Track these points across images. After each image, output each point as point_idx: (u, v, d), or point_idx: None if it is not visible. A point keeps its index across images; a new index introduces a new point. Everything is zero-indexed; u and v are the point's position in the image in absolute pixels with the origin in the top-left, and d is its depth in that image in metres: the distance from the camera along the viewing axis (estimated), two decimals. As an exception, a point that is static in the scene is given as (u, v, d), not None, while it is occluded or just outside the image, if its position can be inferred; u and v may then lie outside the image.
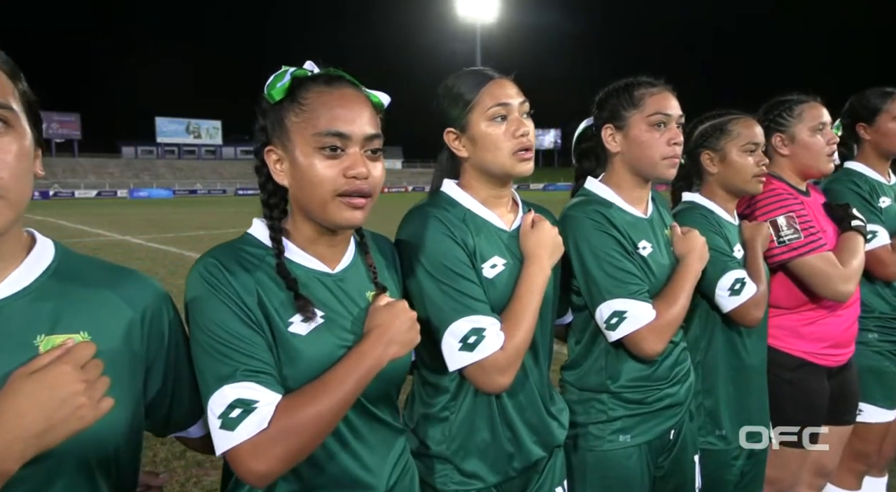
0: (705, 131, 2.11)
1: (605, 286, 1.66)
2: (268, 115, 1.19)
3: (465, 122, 1.48)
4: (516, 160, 1.47)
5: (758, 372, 2.08)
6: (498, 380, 1.36)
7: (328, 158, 1.14)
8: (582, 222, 1.71)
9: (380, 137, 1.20)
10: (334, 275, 1.24)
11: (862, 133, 2.63)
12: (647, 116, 1.73)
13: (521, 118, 1.47)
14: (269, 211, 1.21)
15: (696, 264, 1.78)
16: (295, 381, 1.12)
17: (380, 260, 1.37)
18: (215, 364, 1.07)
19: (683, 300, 1.70)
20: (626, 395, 1.75)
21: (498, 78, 1.49)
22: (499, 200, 1.55)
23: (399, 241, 1.46)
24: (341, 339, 1.19)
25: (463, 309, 1.37)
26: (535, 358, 1.54)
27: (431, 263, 1.40)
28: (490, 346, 1.35)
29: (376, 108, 1.24)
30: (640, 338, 1.63)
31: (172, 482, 3.46)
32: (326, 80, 1.18)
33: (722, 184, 2.11)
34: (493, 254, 1.48)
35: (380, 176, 1.20)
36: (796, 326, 2.24)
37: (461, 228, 1.45)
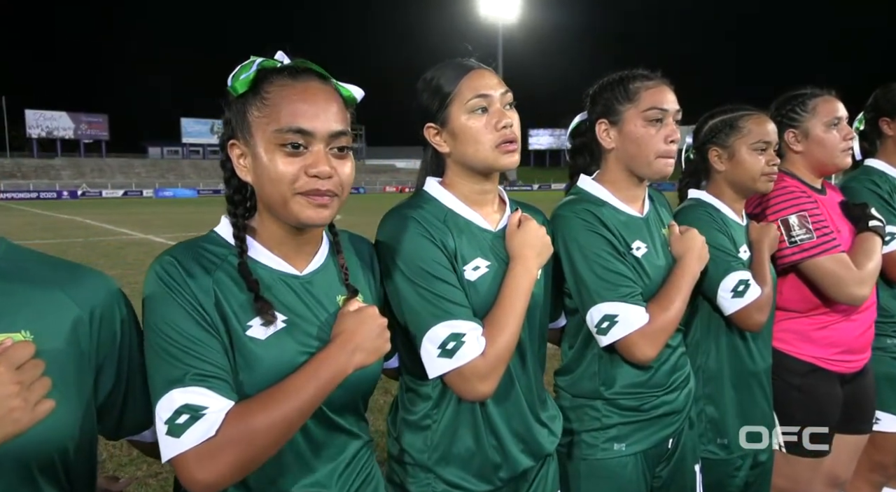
0: (715, 127, 2.02)
1: (595, 289, 1.58)
2: (232, 108, 1.14)
3: (444, 115, 1.42)
4: (499, 153, 1.40)
5: (763, 378, 1.99)
6: (479, 387, 1.29)
7: (289, 155, 1.08)
8: (572, 222, 1.63)
9: (347, 133, 1.13)
10: (302, 277, 1.19)
11: (885, 128, 2.51)
12: (643, 111, 1.65)
13: (503, 110, 1.40)
14: (234, 208, 1.16)
15: (694, 265, 1.69)
16: (252, 387, 1.07)
17: (355, 262, 1.31)
18: (165, 367, 1.02)
19: (679, 303, 1.62)
20: (621, 401, 1.67)
21: (478, 68, 1.43)
22: (483, 197, 1.48)
23: (377, 242, 1.40)
24: (304, 344, 1.13)
25: (441, 314, 1.30)
26: (523, 363, 1.47)
27: (408, 267, 1.34)
28: (470, 352, 1.28)
29: (347, 102, 1.18)
30: (631, 343, 1.56)
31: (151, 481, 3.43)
32: (291, 72, 1.12)
33: (729, 182, 2.01)
34: (475, 255, 1.41)
35: (347, 175, 1.14)
36: (807, 330, 2.14)
37: (441, 229, 1.39)
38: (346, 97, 1.17)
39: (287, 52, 1.16)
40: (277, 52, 1.15)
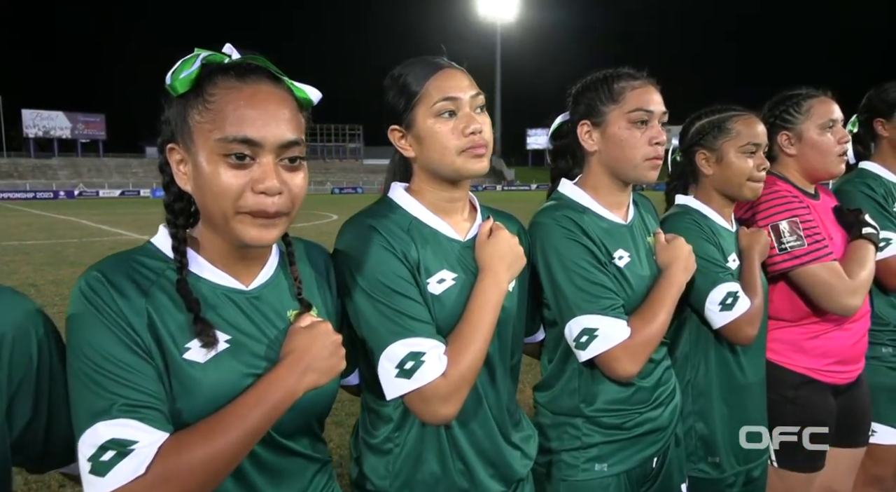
0: (702, 128, 1.93)
1: (574, 301, 1.50)
2: (171, 108, 1.04)
3: (410, 118, 1.33)
4: (466, 158, 1.30)
5: (755, 392, 1.91)
6: (440, 410, 1.20)
7: (234, 167, 0.98)
8: (550, 230, 1.55)
9: (300, 143, 1.03)
10: (248, 292, 1.10)
11: (879, 130, 2.43)
12: (628, 113, 1.57)
13: (472, 113, 1.31)
14: (174, 217, 1.06)
15: (680, 276, 1.61)
16: (190, 416, 0.97)
17: (310, 274, 1.22)
18: (89, 396, 0.92)
19: (664, 316, 1.53)
20: (603, 419, 1.59)
21: (447, 68, 1.33)
22: (452, 205, 1.39)
23: (335, 253, 1.31)
24: (249, 366, 1.04)
25: (400, 331, 1.22)
26: (492, 381, 1.38)
27: (366, 280, 1.25)
28: (429, 372, 1.19)
29: (303, 105, 1.08)
30: (612, 358, 1.47)
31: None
32: (239, 71, 1.02)
33: (717, 187, 1.93)
34: (440, 267, 1.32)
35: (299, 188, 1.04)
36: (799, 339, 2.06)
37: (403, 239, 1.30)
38: (300, 99, 1.07)
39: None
40: (226, 45, 1.05)
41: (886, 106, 2.39)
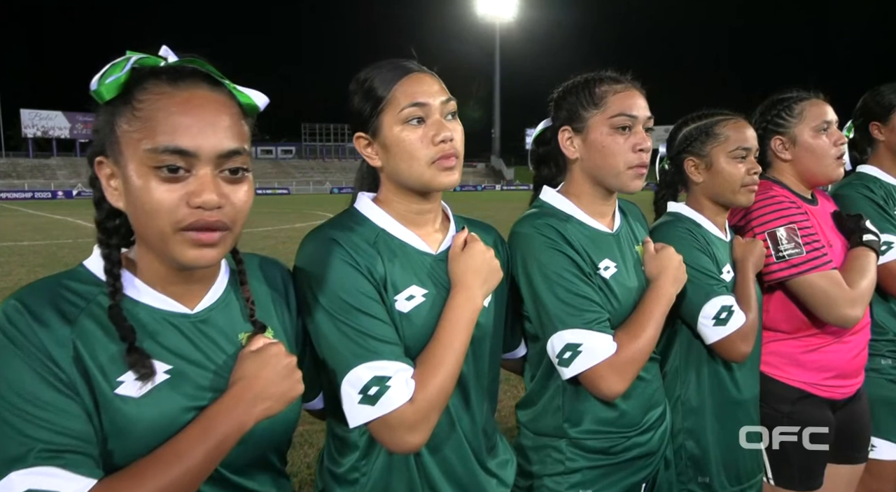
0: (689, 134, 1.85)
1: (556, 314, 1.41)
2: (100, 116, 0.95)
3: (376, 124, 1.24)
4: (436, 170, 1.22)
5: (749, 408, 1.82)
6: (407, 439, 1.12)
7: (167, 181, 0.89)
8: (531, 239, 1.46)
9: (242, 152, 0.94)
10: (193, 316, 1.01)
11: (876, 133, 2.35)
12: (610, 118, 1.48)
13: (442, 120, 1.22)
14: (106, 237, 0.97)
15: (669, 287, 1.52)
16: (124, 456, 0.89)
17: (265, 293, 1.13)
18: (3, 441, 0.83)
19: (652, 331, 1.44)
20: (588, 443, 1.50)
21: (417, 72, 1.25)
22: (422, 216, 1.30)
23: (295, 268, 1.22)
24: (193, 398, 0.95)
25: (363, 353, 1.13)
26: (466, 403, 1.29)
27: (327, 297, 1.16)
28: (395, 398, 1.11)
29: (247, 112, 1.00)
30: (597, 376, 1.38)
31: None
32: (172, 76, 0.93)
33: (708, 194, 1.84)
34: (410, 283, 1.23)
35: (243, 203, 0.95)
36: (796, 353, 1.97)
37: (368, 253, 1.21)
38: (245, 106, 0.99)
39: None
40: (162, 48, 0.96)
41: (882, 109, 2.31)
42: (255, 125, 1.01)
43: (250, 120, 1.00)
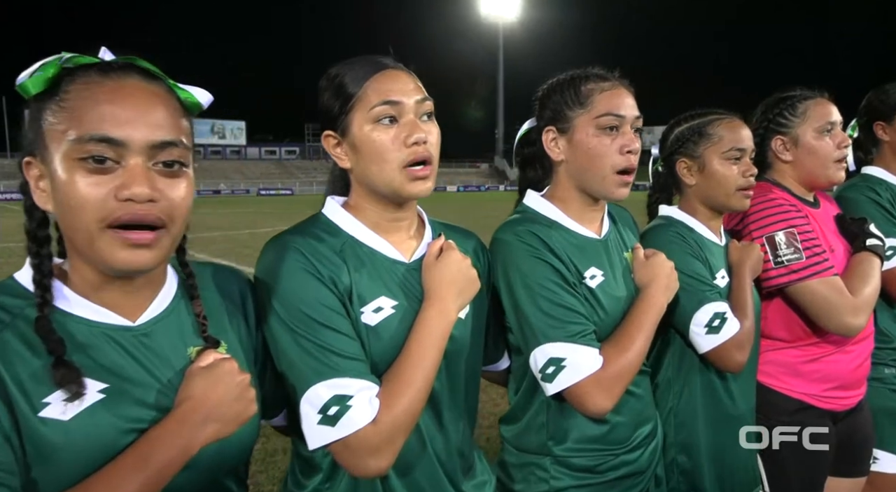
0: (682, 135, 1.77)
1: (538, 327, 1.34)
2: (29, 113, 0.89)
3: (345, 123, 1.16)
4: (406, 178, 1.14)
5: (745, 421, 1.73)
6: (369, 463, 1.04)
7: (93, 172, 0.83)
8: (512, 247, 1.38)
9: (178, 144, 0.88)
10: (135, 328, 0.93)
11: (880, 133, 2.26)
12: (596, 118, 1.40)
13: (416, 121, 1.14)
14: (36, 246, 0.90)
15: (660, 296, 1.44)
16: (50, 487, 0.81)
17: (219, 304, 1.06)
18: None
19: (641, 343, 1.36)
20: (574, 460, 1.42)
21: (392, 68, 1.17)
22: (395, 223, 1.23)
23: (255, 278, 1.15)
24: (132, 419, 0.88)
25: (323, 370, 1.05)
26: (439, 422, 1.21)
27: (286, 309, 1.08)
28: (357, 419, 1.03)
29: (189, 108, 0.93)
30: (582, 392, 1.31)
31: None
32: (102, 68, 0.87)
33: (701, 197, 1.76)
34: (378, 294, 1.15)
35: (181, 199, 0.88)
36: (795, 362, 1.89)
37: (332, 262, 1.13)
38: (185, 102, 0.92)
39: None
40: (101, 49, 0.89)
41: (887, 108, 2.22)
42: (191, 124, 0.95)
43: (187, 117, 0.94)
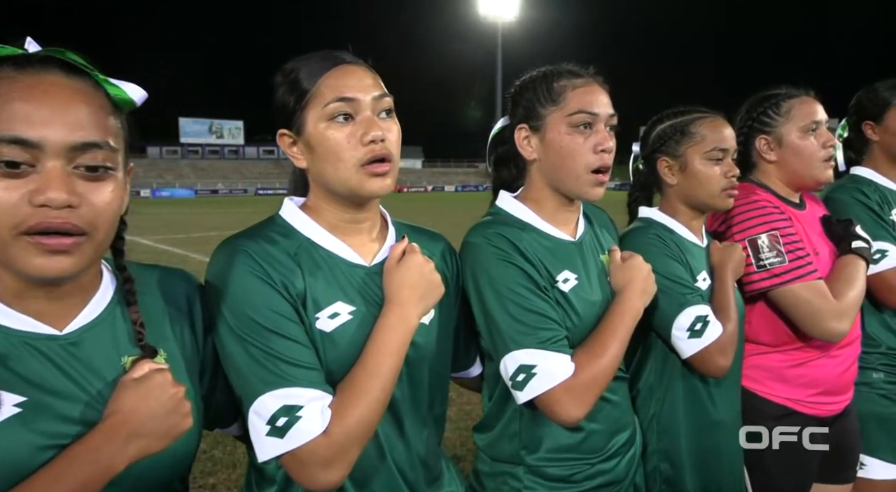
0: (664, 133, 1.72)
1: (508, 333, 1.29)
2: None
3: (300, 121, 1.12)
4: (364, 175, 1.09)
5: (728, 427, 1.69)
6: (319, 476, 1.00)
7: (5, 177, 0.78)
8: (481, 250, 1.34)
9: (103, 146, 0.83)
10: (62, 338, 0.89)
11: (870, 133, 2.22)
12: (569, 115, 1.36)
13: (374, 118, 1.10)
14: None
15: (637, 300, 1.40)
16: None
17: (161, 311, 1.01)
18: None
19: (616, 349, 1.32)
20: (548, 470, 1.38)
21: (346, 64, 1.12)
22: (355, 225, 1.18)
23: (205, 283, 1.10)
24: (52, 435, 0.83)
25: (273, 379, 1.01)
26: (400, 430, 1.17)
27: (234, 316, 1.04)
28: (306, 430, 0.98)
29: (120, 106, 0.89)
30: (553, 400, 1.26)
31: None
32: (20, 62, 0.82)
33: (682, 197, 1.72)
34: (334, 299, 1.11)
35: (104, 204, 0.84)
36: (780, 367, 1.85)
37: (285, 266, 1.08)
38: (116, 99, 0.88)
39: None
40: (27, 40, 0.84)
41: (876, 108, 2.18)
42: (125, 126, 0.90)
43: (122, 117, 0.89)
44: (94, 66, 0.87)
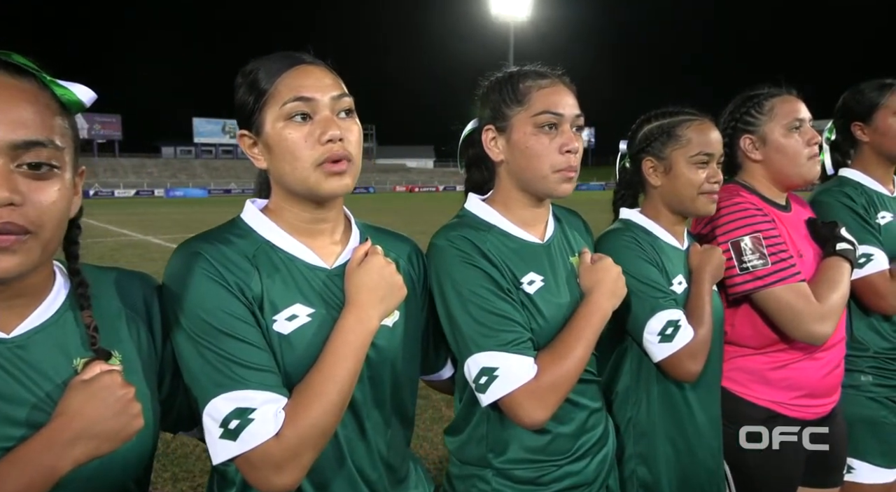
0: (650, 133, 1.71)
1: (470, 335, 1.29)
2: None
3: (258, 121, 1.12)
4: (322, 174, 1.09)
5: (707, 431, 1.67)
6: (272, 479, 0.99)
7: None
8: (445, 253, 1.33)
9: (48, 145, 0.84)
10: (9, 341, 0.89)
11: (858, 134, 2.19)
12: (533, 116, 1.35)
13: (332, 118, 1.10)
14: None
15: (605, 302, 1.38)
16: None
17: (117, 312, 1.02)
18: None
19: (581, 351, 1.31)
20: (515, 472, 1.37)
21: (304, 64, 1.12)
22: (316, 226, 1.18)
23: (163, 285, 1.10)
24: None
25: (225, 382, 1.01)
26: (361, 432, 1.16)
27: (188, 318, 1.04)
28: (258, 433, 0.98)
29: (69, 107, 0.90)
30: (515, 403, 1.26)
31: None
32: None
33: (665, 199, 1.70)
34: (293, 301, 1.11)
35: (49, 203, 0.84)
36: (763, 369, 1.83)
37: (241, 269, 1.08)
38: (64, 100, 0.89)
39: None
40: None
41: (863, 108, 2.15)
42: (70, 125, 0.91)
43: (70, 118, 0.90)
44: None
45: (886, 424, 2.07)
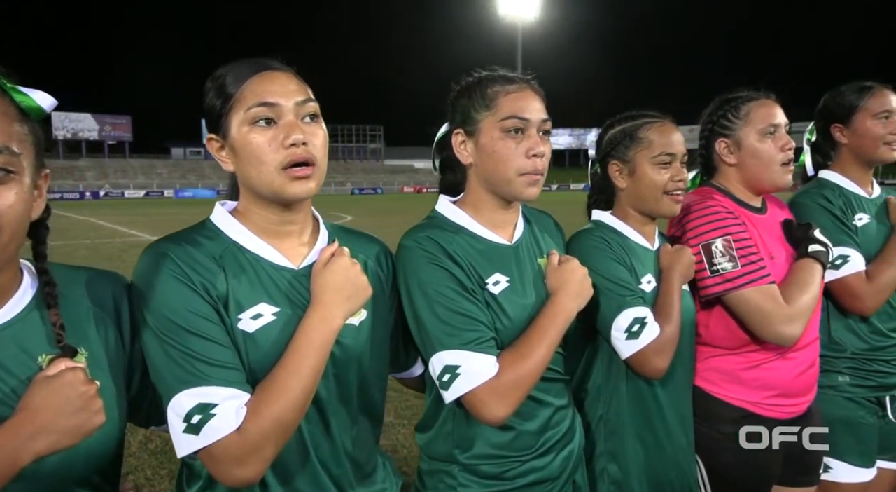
0: (614, 138, 1.74)
1: (435, 334, 1.32)
2: None
3: (225, 125, 1.16)
4: (286, 178, 1.13)
5: (677, 429, 1.70)
6: (234, 473, 1.03)
7: None
8: (412, 254, 1.37)
9: (3, 150, 0.87)
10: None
11: (838, 136, 2.21)
12: (500, 120, 1.38)
13: (296, 122, 1.14)
14: None
15: (569, 303, 1.41)
16: None
17: (86, 311, 1.06)
18: None
19: (544, 350, 1.34)
20: (481, 468, 1.41)
21: (270, 70, 1.16)
22: (284, 228, 1.22)
23: (131, 284, 1.14)
24: None
25: (188, 378, 1.05)
26: (326, 429, 1.20)
27: (154, 317, 1.08)
28: (219, 428, 1.02)
29: (30, 114, 0.93)
30: (476, 400, 1.29)
31: None
32: None
33: (631, 201, 1.74)
34: (258, 300, 1.14)
35: (5, 206, 0.88)
36: (736, 369, 1.85)
37: (206, 269, 1.12)
38: (24, 107, 0.92)
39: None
40: None
41: (843, 110, 2.17)
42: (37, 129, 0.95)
43: (30, 124, 0.94)
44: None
45: (864, 424, 2.09)
